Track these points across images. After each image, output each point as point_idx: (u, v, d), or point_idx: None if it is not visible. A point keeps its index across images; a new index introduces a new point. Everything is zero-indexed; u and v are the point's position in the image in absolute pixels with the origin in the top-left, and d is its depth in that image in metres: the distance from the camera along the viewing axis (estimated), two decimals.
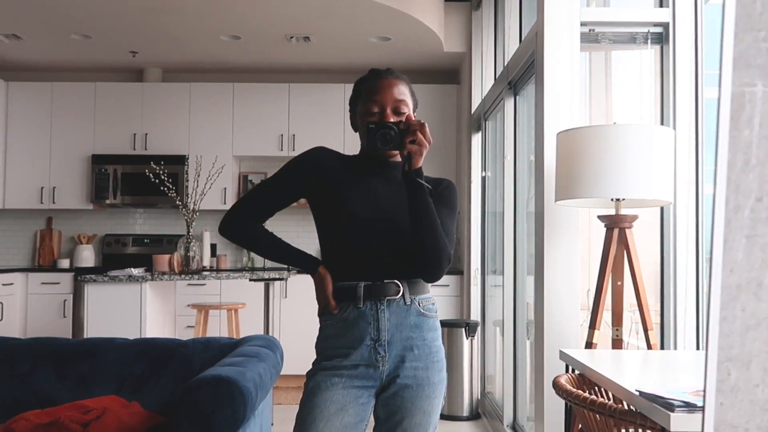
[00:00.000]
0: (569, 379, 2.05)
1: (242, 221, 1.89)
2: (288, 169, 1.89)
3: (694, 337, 2.77)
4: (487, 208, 5.25)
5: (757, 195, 0.83)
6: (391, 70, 1.86)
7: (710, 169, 2.82)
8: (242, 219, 1.89)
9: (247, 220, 1.89)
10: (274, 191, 1.89)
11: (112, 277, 4.33)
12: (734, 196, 0.82)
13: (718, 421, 0.83)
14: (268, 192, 1.89)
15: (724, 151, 0.82)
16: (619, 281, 2.67)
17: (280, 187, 1.89)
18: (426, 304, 1.81)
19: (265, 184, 1.91)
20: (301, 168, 1.87)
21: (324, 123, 6.41)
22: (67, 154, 6.47)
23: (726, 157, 0.82)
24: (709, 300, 0.81)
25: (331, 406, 1.73)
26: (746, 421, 0.82)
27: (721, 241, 0.82)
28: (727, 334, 0.83)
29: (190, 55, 6.35)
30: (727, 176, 0.83)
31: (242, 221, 1.89)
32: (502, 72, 4.39)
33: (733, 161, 0.82)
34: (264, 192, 1.90)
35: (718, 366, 0.83)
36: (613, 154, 2.44)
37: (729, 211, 0.83)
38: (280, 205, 1.90)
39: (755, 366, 0.83)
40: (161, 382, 2.83)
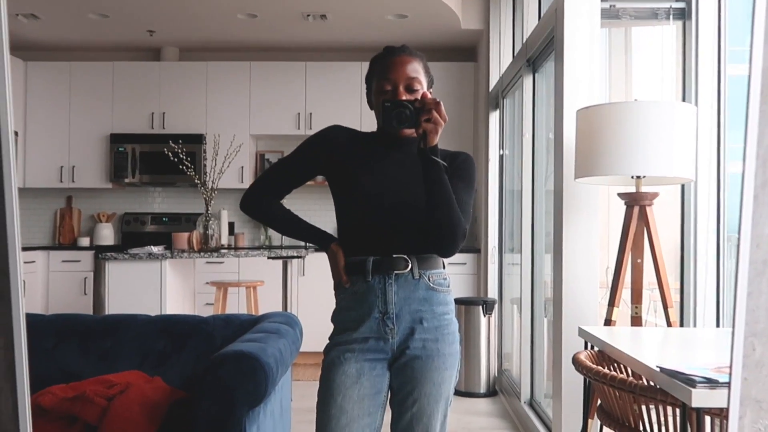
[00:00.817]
0: (589, 355, 2.05)
1: (261, 198, 1.95)
2: (304, 148, 1.94)
3: (714, 315, 2.77)
4: (505, 187, 5.24)
5: None
6: (405, 48, 1.86)
7: (732, 147, 2.79)
8: (261, 196, 1.95)
9: (265, 198, 1.95)
10: (291, 169, 1.95)
11: (133, 255, 4.37)
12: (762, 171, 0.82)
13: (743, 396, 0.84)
14: (285, 170, 1.96)
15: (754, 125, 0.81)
16: (639, 259, 2.67)
17: (296, 165, 1.94)
18: (437, 279, 1.83)
19: (281, 162, 1.97)
20: (316, 146, 1.91)
21: (341, 101, 6.40)
22: (86, 133, 6.52)
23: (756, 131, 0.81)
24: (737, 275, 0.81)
25: (346, 379, 1.77)
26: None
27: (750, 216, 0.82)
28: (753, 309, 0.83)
29: (206, 34, 6.35)
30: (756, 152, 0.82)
31: (261, 198, 1.95)
32: (520, 49, 4.35)
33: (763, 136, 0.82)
34: (281, 170, 1.96)
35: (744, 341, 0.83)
36: (634, 131, 2.42)
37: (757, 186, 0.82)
38: (297, 182, 1.96)
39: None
40: (183, 358, 2.87)
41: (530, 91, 4.21)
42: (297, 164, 1.93)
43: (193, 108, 6.51)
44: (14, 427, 1.10)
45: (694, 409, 1.46)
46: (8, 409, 1.09)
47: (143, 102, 6.52)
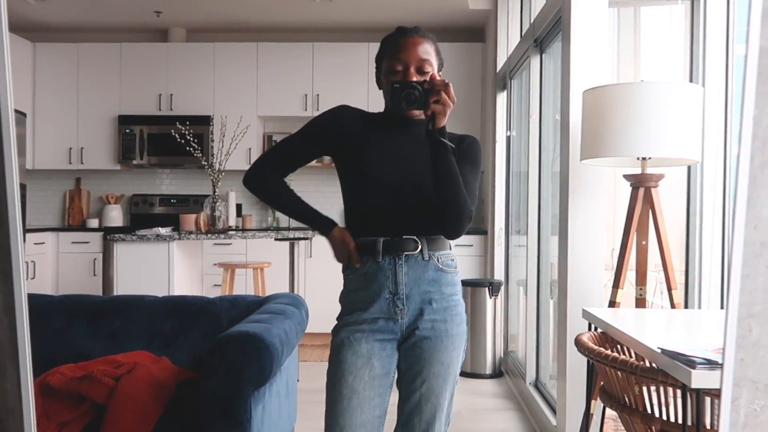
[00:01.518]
0: (591, 337, 2.06)
1: (265, 173, 1.94)
2: (310, 126, 1.93)
3: (719, 297, 2.76)
4: (512, 168, 5.22)
5: None
6: (417, 29, 1.85)
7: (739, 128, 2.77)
8: (265, 171, 1.94)
9: (269, 173, 1.94)
10: (297, 146, 1.93)
11: (141, 236, 4.40)
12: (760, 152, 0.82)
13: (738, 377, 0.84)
14: (291, 147, 1.94)
15: (750, 106, 0.81)
16: (644, 240, 2.66)
17: (303, 143, 1.93)
18: (445, 260, 1.83)
19: (287, 139, 1.95)
20: (322, 126, 1.91)
21: (348, 82, 6.38)
22: (94, 114, 6.53)
23: (752, 112, 0.81)
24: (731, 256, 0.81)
25: (357, 360, 1.78)
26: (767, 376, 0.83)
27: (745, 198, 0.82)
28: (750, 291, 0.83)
29: (213, 15, 6.33)
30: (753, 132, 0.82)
31: (265, 173, 1.94)
32: (528, 29, 4.32)
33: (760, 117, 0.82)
34: (287, 147, 1.94)
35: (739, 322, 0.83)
36: (640, 113, 2.41)
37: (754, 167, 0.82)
38: (302, 160, 1.94)
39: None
40: (190, 339, 2.89)
41: (537, 72, 4.18)
42: (304, 142, 1.92)
43: (201, 89, 6.51)
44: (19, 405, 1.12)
45: (694, 390, 1.46)
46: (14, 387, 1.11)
47: (151, 83, 6.52)
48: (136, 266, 4.40)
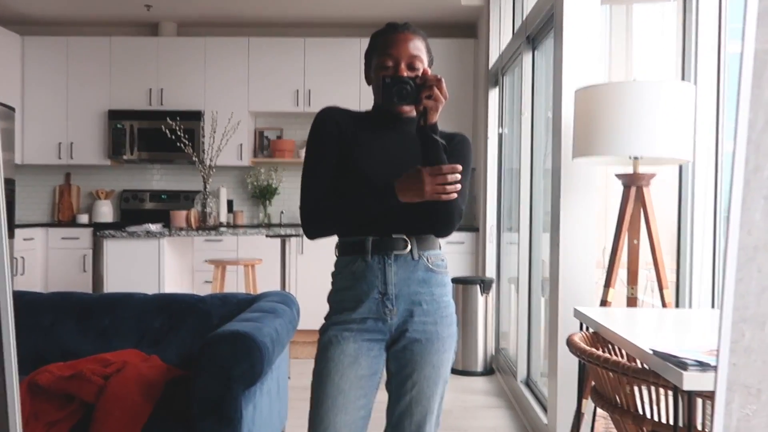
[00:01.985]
0: (583, 337, 2.06)
1: (321, 211, 1.79)
2: (318, 136, 1.83)
3: (710, 296, 2.77)
4: (504, 165, 5.22)
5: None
6: (407, 25, 1.83)
7: (731, 126, 2.77)
8: (319, 210, 1.79)
9: (323, 205, 1.79)
10: (324, 161, 1.80)
11: (131, 232, 4.37)
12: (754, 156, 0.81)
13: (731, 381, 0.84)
14: (321, 166, 1.81)
15: (745, 109, 0.80)
16: (636, 240, 2.66)
17: (326, 153, 1.80)
18: (435, 260, 1.82)
19: (312, 164, 1.81)
20: (328, 127, 1.82)
21: (340, 78, 6.36)
22: (84, 109, 6.49)
23: (747, 116, 0.80)
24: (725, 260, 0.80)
25: (344, 359, 1.76)
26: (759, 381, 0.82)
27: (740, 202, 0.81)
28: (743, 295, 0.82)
29: (204, 9, 6.29)
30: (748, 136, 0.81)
31: (321, 211, 1.79)
32: (520, 26, 4.31)
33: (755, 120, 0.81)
34: (317, 170, 1.81)
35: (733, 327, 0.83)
36: (632, 112, 2.40)
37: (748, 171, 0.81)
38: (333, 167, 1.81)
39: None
40: (180, 336, 2.88)
41: (530, 69, 4.18)
42: (327, 150, 1.80)
43: (191, 84, 6.47)
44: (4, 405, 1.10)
45: (686, 392, 1.46)
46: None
47: (141, 78, 6.48)
48: (126, 263, 4.38)
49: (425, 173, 1.64)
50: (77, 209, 6.78)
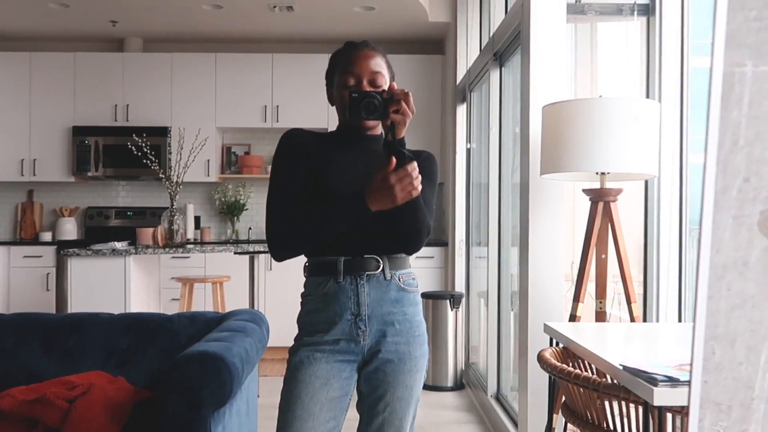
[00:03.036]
0: (553, 352, 2.07)
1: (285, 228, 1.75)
2: (284, 158, 1.80)
3: (676, 309, 2.80)
4: (472, 180, 5.25)
5: (745, 175, 0.83)
6: (366, 42, 1.84)
7: (695, 138, 2.83)
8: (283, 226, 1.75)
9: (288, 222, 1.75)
10: (291, 182, 1.77)
11: (95, 250, 4.30)
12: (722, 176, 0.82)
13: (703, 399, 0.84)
14: (287, 187, 1.77)
15: (714, 130, 0.81)
16: (603, 254, 2.69)
17: (293, 175, 1.77)
18: (406, 279, 1.81)
19: (278, 185, 1.78)
20: (290, 149, 1.80)
21: (308, 93, 6.35)
22: (48, 125, 6.38)
23: (716, 136, 0.82)
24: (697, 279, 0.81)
25: (315, 381, 1.73)
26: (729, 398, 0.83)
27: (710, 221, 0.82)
28: (713, 313, 0.83)
29: (171, 25, 6.25)
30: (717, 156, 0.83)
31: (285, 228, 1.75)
32: (487, 43, 4.35)
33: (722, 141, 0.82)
34: (283, 191, 1.78)
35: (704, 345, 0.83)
36: (598, 128, 2.43)
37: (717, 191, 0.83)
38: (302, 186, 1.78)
39: (739, 344, 0.84)
40: (147, 357, 2.83)
41: (497, 85, 4.22)
42: (294, 166, 1.78)
43: (158, 100, 6.41)
44: None
45: (656, 407, 1.47)
46: None
47: (106, 94, 6.40)
48: (91, 281, 4.30)
49: (392, 180, 1.62)
50: (40, 227, 6.65)
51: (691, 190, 2.81)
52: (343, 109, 1.80)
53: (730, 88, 0.81)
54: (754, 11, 0.79)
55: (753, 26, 0.80)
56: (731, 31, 0.79)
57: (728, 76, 0.81)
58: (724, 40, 0.79)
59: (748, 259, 0.83)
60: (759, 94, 0.81)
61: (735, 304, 0.82)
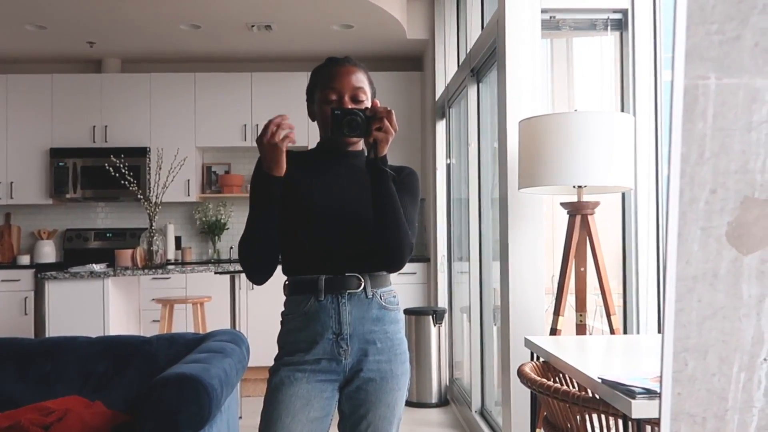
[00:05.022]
0: (534, 367, 2.06)
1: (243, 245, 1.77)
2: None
3: (656, 321, 2.82)
4: (453, 195, 5.26)
5: (712, 187, 0.84)
6: (348, 58, 1.83)
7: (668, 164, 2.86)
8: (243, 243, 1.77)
9: (242, 239, 1.77)
10: None
11: (74, 273, 4.25)
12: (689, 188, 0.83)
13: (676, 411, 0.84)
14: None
15: (677, 143, 0.82)
16: (582, 267, 2.70)
17: None
18: (387, 297, 1.79)
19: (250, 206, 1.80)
20: None
21: (287, 111, 6.20)
22: (25, 147, 6.32)
23: (680, 149, 0.82)
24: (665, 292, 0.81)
25: (296, 401, 1.71)
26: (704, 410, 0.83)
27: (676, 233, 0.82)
28: (684, 324, 0.83)
29: (149, 45, 6.23)
30: (681, 168, 0.83)
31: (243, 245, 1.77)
32: (465, 59, 4.38)
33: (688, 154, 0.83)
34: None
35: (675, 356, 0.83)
36: (574, 142, 2.45)
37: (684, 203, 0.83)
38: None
39: (712, 355, 0.84)
40: (126, 380, 2.79)
41: (475, 101, 4.24)
42: None
43: (136, 121, 6.38)
44: None
45: (635, 420, 1.47)
46: None
47: (84, 115, 6.36)
48: (69, 305, 4.24)
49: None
50: (18, 250, 6.57)
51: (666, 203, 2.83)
52: (324, 125, 1.80)
53: (694, 100, 0.81)
54: (716, 24, 0.80)
55: (715, 39, 0.81)
56: (693, 44, 0.80)
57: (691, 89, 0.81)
58: (685, 53, 0.80)
59: (718, 271, 0.83)
60: (723, 107, 0.82)
61: (706, 316, 0.83)
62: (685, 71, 0.80)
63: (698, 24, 0.81)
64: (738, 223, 0.82)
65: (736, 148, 0.82)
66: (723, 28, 0.79)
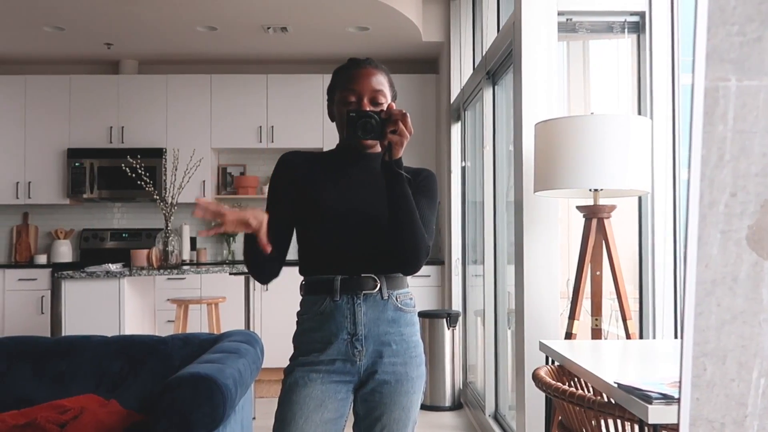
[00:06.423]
0: (549, 371, 2.05)
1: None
2: (271, 187, 1.85)
3: (672, 326, 2.79)
4: (467, 198, 5.25)
5: (732, 190, 0.83)
6: (369, 60, 1.83)
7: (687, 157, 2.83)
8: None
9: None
10: (273, 208, 1.80)
11: (90, 273, 4.28)
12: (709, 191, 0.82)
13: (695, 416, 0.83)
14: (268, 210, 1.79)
15: (698, 146, 0.81)
16: (598, 271, 2.68)
17: (275, 201, 1.81)
18: (403, 299, 1.79)
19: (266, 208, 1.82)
20: (280, 177, 1.83)
21: (302, 114, 6.37)
22: (42, 148, 6.38)
23: (700, 152, 0.81)
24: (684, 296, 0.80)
25: (310, 402, 1.71)
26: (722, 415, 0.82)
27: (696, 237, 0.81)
28: (703, 329, 0.82)
29: (166, 47, 6.27)
30: (701, 171, 0.82)
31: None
32: (480, 62, 4.37)
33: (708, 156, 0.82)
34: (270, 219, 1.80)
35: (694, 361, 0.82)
36: (591, 145, 2.43)
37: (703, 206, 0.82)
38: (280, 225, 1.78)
39: (731, 360, 0.83)
40: (140, 380, 2.80)
41: (490, 104, 4.23)
42: (276, 201, 1.81)
43: (153, 122, 6.42)
44: None
45: (652, 425, 1.46)
46: None
47: (101, 116, 6.41)
48: (85, 304, 4.27)
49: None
50: (35, 249, 6.63)
51: (684, 207, 2.81)
52: (342, 126, 1.79)
53: (714, 103, 0.80)
54: (737, 26, 0.79)
55: (735, 41, 0.80)
56: (713, 46, 0.79)
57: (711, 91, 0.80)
58: (706, 55, 0.79)
59: (738, 275, 0.82)
60: (743, 109, 0.81)
61: (725, 320, 0.82)
62: (706, 73, 0.79)
63: (719, 25, 0.80)
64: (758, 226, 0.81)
65: (757, 151, 0.81)
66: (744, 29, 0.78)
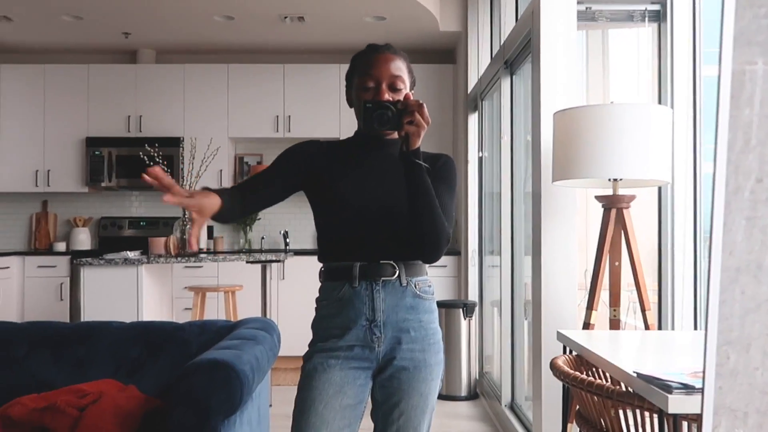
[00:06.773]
0: (567, 360, 2.04)
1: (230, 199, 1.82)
2: (280, 159, 1.88)
3: (692, 317, 2.77)
4: (485, 189, 5.23)
5: (758, 176, 0.81)
6: (388, 46, 1.82)
7: (708, 148, 2.80)
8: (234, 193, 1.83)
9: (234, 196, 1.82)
10: (260, 177, 1.86)
11: (108, 260, 4.31)
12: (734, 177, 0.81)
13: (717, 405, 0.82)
14: (261, 178, 1.86)
15: (724, 130, 0.80)
16: (617, 261, 2.66)
17: (266, 174, 1.86)
18: (422, 286, 1.79)
19: (260, 172, 1.88)
20: (292, 158, 1.84)
21: (319, 103, 6.37)
22: (61, 136, 6.43)
23: (726, 136, 0.80)
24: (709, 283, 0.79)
25: (329, 388, 1.72)
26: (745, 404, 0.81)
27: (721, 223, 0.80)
28: (727, 317, 0.81)
29: (183, 36, 6.29)
30: (727, 156, 0.81)
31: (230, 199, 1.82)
32: (498, 51, 4.34)
33: (733, 141, 0.80)
34: (257, 177, 1.87)
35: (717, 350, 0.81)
36: (610, 134, 2.41)
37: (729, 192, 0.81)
38: (272, 192, 1.84)
39: (755, 349, 0.82)
40: (158, 366, 2.82)
41: (508, 93, 4.20)
42: (274, 174, 1.84)
43: (170, 111, 6.45)
44: None
45: (671, 415, 1.45)
46: None
47: (119, 105, 6.44)
48: (104, 291, 4.31)
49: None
50: (54, 237, 6.70)
51: (705, 197, 2.78)
52: (359, 115, 1.79)
53: (741, 86, 0.79)
54: (764, 8, 0.78)
55: (763, 23, 0.78)
56: (741, 29, 0.78)
57: (738, 75, 0.79)
58: (733, 38, 0.78)
59: (762, 262, 0.81)
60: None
61: (749, 308, 0.81)
62: (733, 56, 0.78)
63: (746, 8, 0.79)
64: None
65: None
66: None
